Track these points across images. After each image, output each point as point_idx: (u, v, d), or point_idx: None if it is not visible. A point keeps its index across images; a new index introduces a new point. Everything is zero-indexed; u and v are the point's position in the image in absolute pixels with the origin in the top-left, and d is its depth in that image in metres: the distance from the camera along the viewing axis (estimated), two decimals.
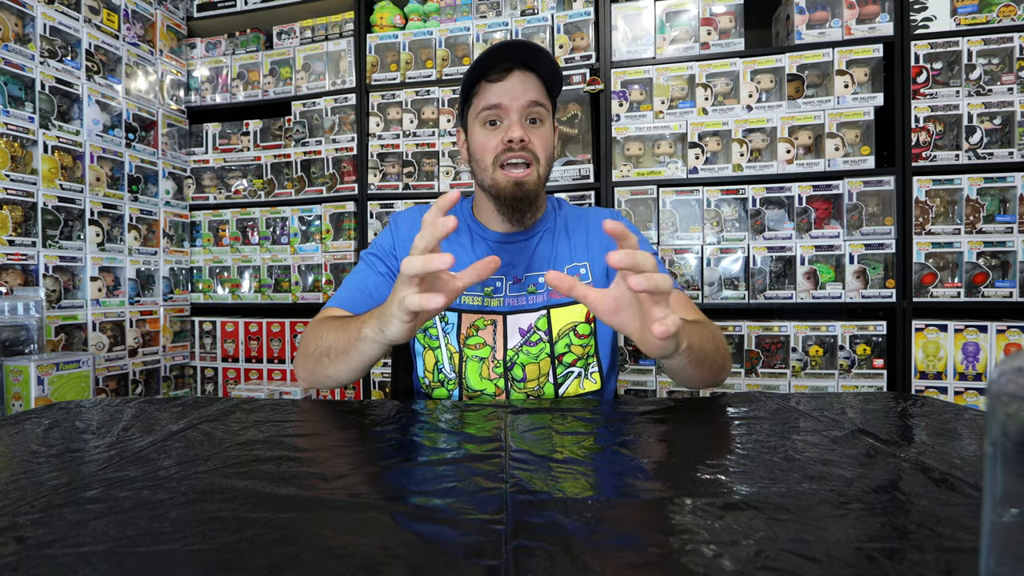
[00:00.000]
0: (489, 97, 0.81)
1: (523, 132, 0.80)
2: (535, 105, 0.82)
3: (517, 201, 0.82)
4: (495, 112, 0.82)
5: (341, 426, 0.63)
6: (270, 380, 1.93)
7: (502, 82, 0.81)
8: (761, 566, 0.30)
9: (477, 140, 0.84)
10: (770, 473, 0.45)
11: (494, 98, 0.81)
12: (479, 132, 0.84)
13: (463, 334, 0.86)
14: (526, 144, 0.81)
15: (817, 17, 1.60)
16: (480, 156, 0.84)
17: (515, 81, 0.81)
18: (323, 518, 0.37)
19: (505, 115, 0.81)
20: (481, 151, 0.83)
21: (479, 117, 0.83)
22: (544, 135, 0.83)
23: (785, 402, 0.71)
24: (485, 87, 0.82)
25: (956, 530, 0.34)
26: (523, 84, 0.81)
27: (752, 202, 1.62)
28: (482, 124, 0.83)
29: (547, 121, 0.85)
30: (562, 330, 0.85)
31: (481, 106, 0.82)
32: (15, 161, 1.42)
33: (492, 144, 0.82)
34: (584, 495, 0.41)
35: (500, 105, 0.81)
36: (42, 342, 1.37)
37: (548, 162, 0.85)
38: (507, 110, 0.81)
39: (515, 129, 0.80)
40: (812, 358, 1.59)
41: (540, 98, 0.82)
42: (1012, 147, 1.48)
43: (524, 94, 0.81)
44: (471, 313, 0.86)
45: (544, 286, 0.87)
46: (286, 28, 1.99)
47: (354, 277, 0.90)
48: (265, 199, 1.97)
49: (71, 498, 0.41)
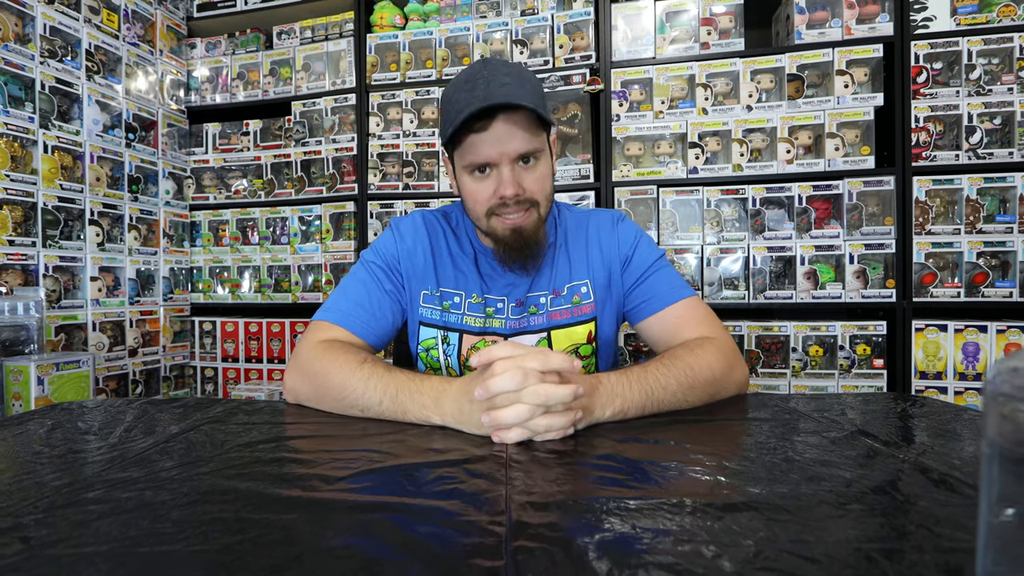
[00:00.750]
0: (475, 152, 0.73)
1: (516, 187, 0.73)
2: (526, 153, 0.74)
3: (520, 246, 0.77)
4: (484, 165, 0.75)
5: (342, 427, 0.63)
6: (270, 380, 1.93)
7: (486, 132, 0.71)
8: (760, 567, 0.31)
9: (468, 189, 0.77)
10: (770, 474, 0.45)
11: (481, 154, 0.73)
12: (469, 181, 0.77)
13: (463, 356, 0.83)
14: (519, 196, 0.74)
15: (817, 17, 1.60)
16: (472, 206, 0.78)
17: (500, 130, 0.71)
18: (324, 519, 0.37)
19: (495, 169, 0.74)
20: (473, 202, 0.77)
21: (467, 167, 0.76)
22: (540, 173, 0.76)
23: (785, 403, 0.71)
24: (469, 137, 0.73)
25: (955, 530, 0.35)
26: (510, 130, 0.71)
27: (752, 202, 1.62)
28: (470, 173, 0.76)
29: (543, 156, 0.77)
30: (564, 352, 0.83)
31: (467, 160, 0.75)
32: (15, 161, 1.42)
33: (484, 196, 0.76)
34: (584, 496, 0.41)
35: (489, 161, 0.73)
36: (42, 342, 1.37)
37: (548, 199, 0.79)
38: (496, 163, 0.73)
39: (507, 187, 0.73)
40: (812, 358, 1.59)
41: (530, 140, 0.73)
42: (1012, 147, 1.48)
43: (511, 142, 0.72)
44: (472, 335, 0.84)
45: (545, 307, 0.84)
46: (286, 28, 1.99)
47: (354, 287, 0.83)
48: (265, 199, 1.97)
49: (74, 499, 0.41)
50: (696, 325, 0.78)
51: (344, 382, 0.67)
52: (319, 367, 0.71)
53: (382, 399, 0.64)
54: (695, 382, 0.68)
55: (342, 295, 0.82)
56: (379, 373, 0.66)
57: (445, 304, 0.85)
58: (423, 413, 0.62)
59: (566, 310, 0.84)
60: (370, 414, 0.66)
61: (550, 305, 0.84)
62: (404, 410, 0.63)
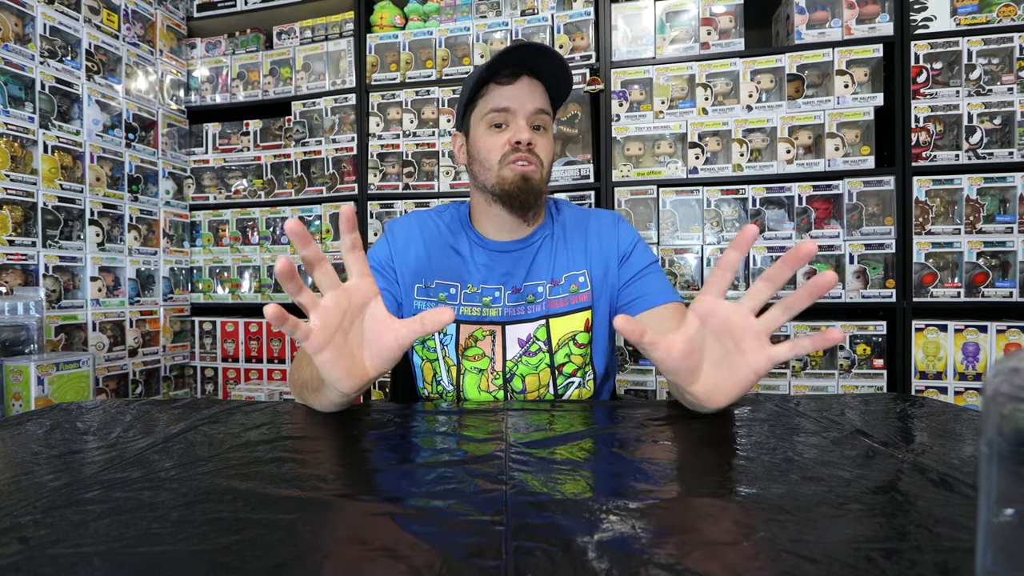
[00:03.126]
0: (498, 100, 0.81)
1: (530, 135, 0.81)
2: (541, 113, 0.83)
3: (524, 194, 0.81)
4: (503, 115, 0.82)
5: (341, 427, 0.63)
6: (270, 380, 1.93)
7: (511, 86, 0.81)
8: (759, 566, 0.30)
9: (482, 140, 0.83)
10: (769, 474, 0.45)
11: (504, 101, 0.81)
12: (484, 133, 0.83)
13: (461, 345, 0.84)
14: (532, 148, 0.81)
15: (817, 17, 1.61)
16: (485, 156, 0.83)
17: (524, 87, 0.81)
18: (324, 519, 0.37)
19: (512, 119, 0.82)
20: (487, 151, 0.83)
21: (485, 119, 0.83)
22: (547, 142, 0.84)
23: (784, 403, 0.71)
24: (493, 89, 0.82)
25: (954, 530, 0.35)
26: (531, 90, 0.82)
27: (752, 202, 1.62)
28: (488, 126, 0.83)
29: (549, 130, 0.86)
30: (561, 339, 0.84)
31: (489, 107, 0.82)
32: (15, 161, 1.42)
33: (499, 144, 0.82)
34: (584, 496, 0.41)
35: (508, 109, 0.81)
36: (42, 342, 1.38)
37: (548, 166, 0.85)
38: (515, 114, 0.81)
39: (523, 132, 0.80)
40: (812, 358, 1.59)
41: (546, 106, 0.83)
42: (1012, 147, 1.48)
43: (532, 100, 0.81)
44: (469, 324, 0.85)
45: (542, 295, 0.86)
46: (286, 28, 1.99)
47: None
48: (265, 199, 1.97)
49: (72, 499, 0.41)
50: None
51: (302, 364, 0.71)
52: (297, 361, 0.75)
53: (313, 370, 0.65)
54: None
55: None
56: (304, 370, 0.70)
57: (441, 296, 0.87)
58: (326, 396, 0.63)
59: (564, 299, 0.86)
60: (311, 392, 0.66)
61: (548, 294, 0.86)
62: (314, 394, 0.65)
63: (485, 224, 0.90)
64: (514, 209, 0.83)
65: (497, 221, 0.88)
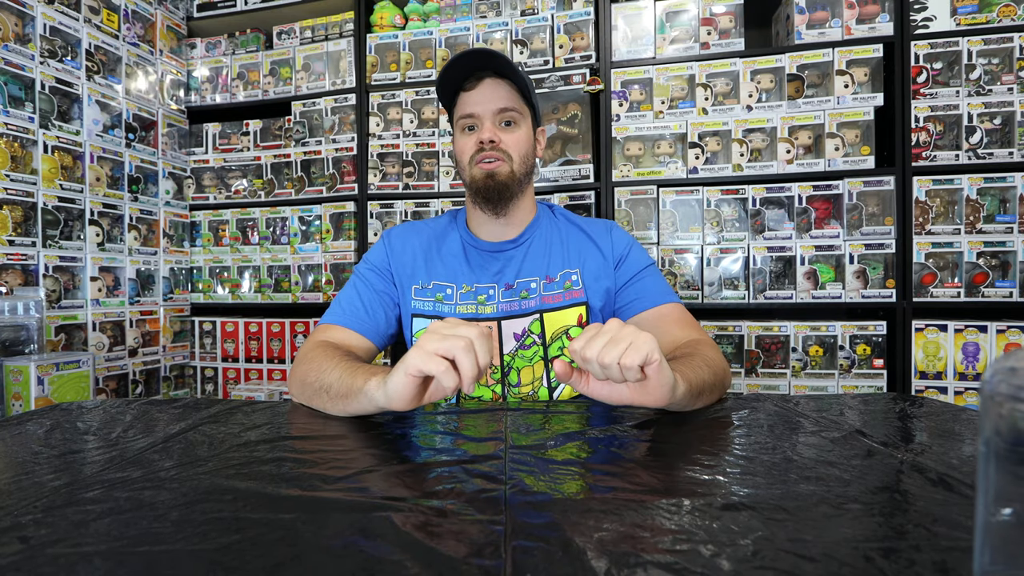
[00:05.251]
0: (464, 107, 0.88)
1: (493, 134, 0.86)
2: (506, 111, 0.87)
3: (490, 191, 0.87)
4: (470, 119, 0.88)
5: (341, 427, 0.63)
6: (270, 380, 1.93)
7: (474, 91, 0.87)
8: (759, 565, 0.31)
9: (457, 144, 0.91)
10: (768, 474, 0.45)
11: (468, 107, 0.88)
12: (459, 137, 0.91)
13: None
14: (496, 144, 0.86)
15: (817, 17, 1.60)
16: (460, 157, 0.91)
17: (486, 89, 0.87)
18: (323, 519, 0.37)
19: (478, 121, 0.88)
20: (460, 153, 0.90)
21: (459, 124, 0.90)
22: (518, 136, 0.88)
23: (784, 403, 0.71)
24: (462, 96, 0.89)
25: (952, 529, 0.35)
26: (493, 91, 0.87)
27: (752, 202, 1.62)
28: (461, 130, 0.90)
29: (523, 123, 0.89)
30: (555, 333, 0.87)
31: (458, 115, 0.90)
32: (15, 161, 1.42)
33: (468, 146, 0.88)
34: (583, 496, 0.41)
35: (474, 114, 0.87)
36: (42, 342, 1.38)
37: (523, 160, 0.89)
38: (480, 117, 0.87)
39: (485, 132, 0.86)
40: (812, 358, 1.59)
41: (511, 103, 0.87)
42: (1012, 147, 1.48)
43: (494, 101, 0.86)
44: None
45: (536, 291, 0.89)
46: (286, 28, 1.99)
47: (349, 293, 0.91)
48: (265, 199, 1.97)
49: (73, 498, 0.41)
50: (685, 327, 0.84)
51: (318, 367, 0.71)
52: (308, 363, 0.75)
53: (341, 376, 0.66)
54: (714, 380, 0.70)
55: (337, 302, 0.91)
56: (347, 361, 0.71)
57: (438, 296, 0.90)
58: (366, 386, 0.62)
59: (558, 294, 0.89)
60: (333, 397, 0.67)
61: (542, 290, 0.89)
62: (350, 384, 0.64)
63: (477, 225, 0.94)
64: (487, 203, 0.88)
65: (482, 219, 0.92)
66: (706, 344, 0.78)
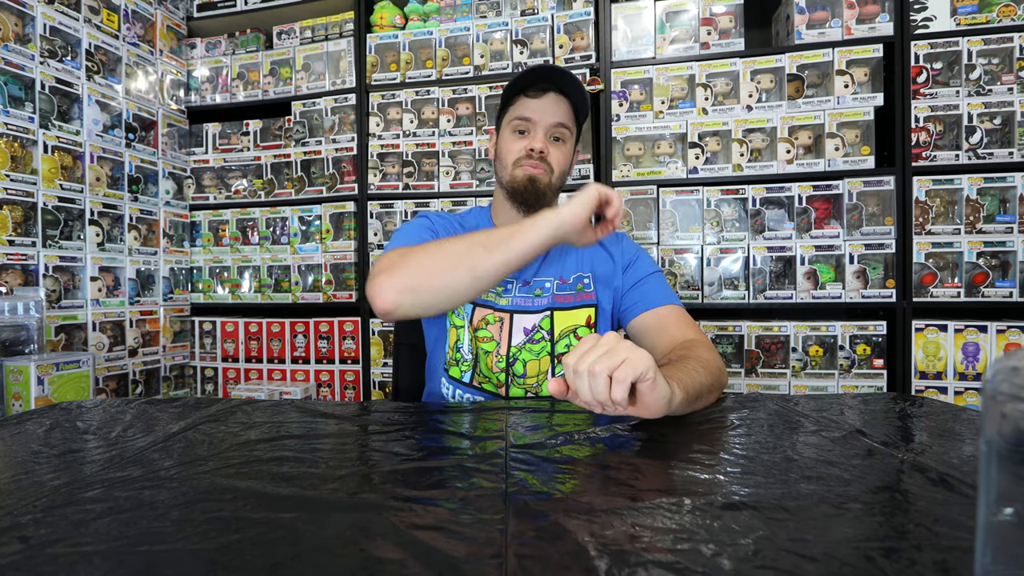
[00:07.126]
0: (523, 110, 0.91)
1: (544, 145, 0.90)
2: (560, 127, 0.91)
3: (528, 193, 0.90)
4: (525, 123, 0.91)
5: (341, 426, 0.63)
6: (270, 380, 1.93)
7: (537, 100, 0.91)
8: (759, 565, 0.31)
9: (505, 143, 0.94)
10: (769, 473, 0.45)
11: (527, 112, 0.91)
12: (508, 136, 0.94)
13: (475, 325, 0.91)
14: (544, 156, 0.90)
15: (817, 17, 1.60)
16: (504, 156, 0.93)
17: (549, 102, 0.91)
18: (323, 518, 0.37)
19: (533, 128, 0.91)
20: (506, 152, 0.93)
21: (511, 124, 0.93)
22: (563, 152, 0.93)
23: (784, 403, 0.71)
24: (522, 100, 0.92)
25: (953, 529, 0.35)
26: (555, 106, 0.91)
27: (752, 202, 1.62)
28: (512, 131, 0.93)
29: (568, 142, 0.94)
30: (563, 331, 0.90)
31: (515, 115, 0.92)
32: (15, 161, 1.42)
33: (516, 148, 0.92)
34: (584, 495, 0.41)
35: (531, 119, 0.91)
36: (42, 342, 1.37)
37: (561, 176, 0.94)
38: (535, 124, 0.91)
39: (537, 141, 0.90)
40: (812, 358, 1.59)
41: (567, 121, 0.92)
42: (1012, 147, 1.48)
43: (554, 115, 0.91)
44: (483, 308, 0.91)
45: (550, 290, 0.92)
46: (286, 28, 1.99)
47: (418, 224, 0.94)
48: (265, 199, 1.97)
49: (72, 498, 0.41)
50: (684, 328, 0.86)
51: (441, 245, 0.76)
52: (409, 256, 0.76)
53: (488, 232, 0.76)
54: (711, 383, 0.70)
55: (403, 234, 0.92)
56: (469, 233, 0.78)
57: None
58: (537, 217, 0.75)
59: (570, 295, 0.93)
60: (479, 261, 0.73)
61: (555, 289, 0.93)
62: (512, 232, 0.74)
63: (502, 221, 0.97)
64: (520, 204, 0.92)
65: (511, 217, 0.94)
66: (701, 345, 0.80)
